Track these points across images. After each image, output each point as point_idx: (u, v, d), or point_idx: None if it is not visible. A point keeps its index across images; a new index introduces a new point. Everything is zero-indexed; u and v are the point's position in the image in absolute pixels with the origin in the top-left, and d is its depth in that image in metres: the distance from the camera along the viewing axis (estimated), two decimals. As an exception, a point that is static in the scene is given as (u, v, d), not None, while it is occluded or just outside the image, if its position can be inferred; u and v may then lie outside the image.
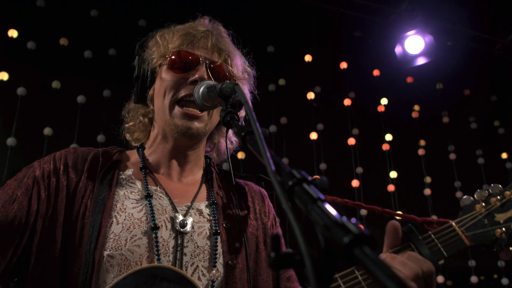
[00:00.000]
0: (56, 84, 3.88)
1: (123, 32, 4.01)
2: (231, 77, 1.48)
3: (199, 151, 1.53)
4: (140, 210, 1.31)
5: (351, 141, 4.86)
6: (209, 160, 1.61)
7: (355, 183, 4.76)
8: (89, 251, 1.18)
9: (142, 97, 1.51)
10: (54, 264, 1.19)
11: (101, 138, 3.86)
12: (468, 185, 5.06)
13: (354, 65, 5.14)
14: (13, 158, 3.61)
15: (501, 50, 5.64)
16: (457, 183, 5.07)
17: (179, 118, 1.39)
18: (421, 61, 4.86)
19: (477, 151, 5.30)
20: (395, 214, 1.35)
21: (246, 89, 1.57)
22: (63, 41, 4.04)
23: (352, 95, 5.07)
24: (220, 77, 1.44)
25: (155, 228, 1.27)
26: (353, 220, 0.57)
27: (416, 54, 4.88)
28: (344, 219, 0.58)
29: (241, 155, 4.09)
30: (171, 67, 1.42)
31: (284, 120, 4.68)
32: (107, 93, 4.02)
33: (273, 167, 0.73)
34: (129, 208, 1.30)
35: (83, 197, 1.29)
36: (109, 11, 4.29)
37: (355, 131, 4.92)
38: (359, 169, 4.79)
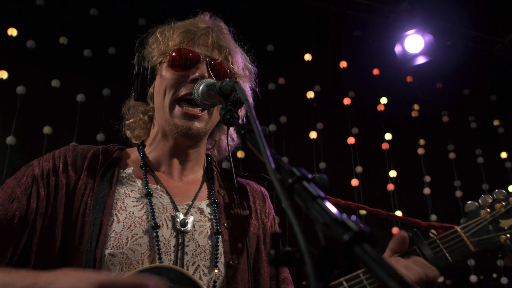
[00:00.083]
0: (55, 83, 3.88)
1: (122, 31, 3.99)
2: (232, 75, 1.47)
3: (200, 150, 1.52)
4: (141, 208, 1.30)
5: (351, 140, 4.86)
6: (210, 158, 1.60)
7: (354, 182, 4.76)
8: (90, 249, 1.18)
9: (142, 95, 1.49)
10: (54, 262, 1.19)
11: (100, 137, 3.85)
12: (467, 185, 5.06)
13: (354, 64, 5.14)
14: (13, 157, 3.60)
15: (501, 50, 5.63)
16: (457, 183, 5.07)
17: (179, 118, 1.38)
18: (421, 60, 4.85)
19: (477, 151, 5.29)
20: (399, 218, 1.35)
21: (247, 86, 1.56)
22: (63, 40, 4.03)
23: (352, 94, 5.07)
24: (221, 74, 1.42)
25: (155, 227, 1.26)
26: (353, 218, 0.57)
27: (416, 53, 4.87)
28: (344, 216, 0.58)
29: (241, 154, 4.08)
30: (172, 65, 1.41)
31: (283, 119, 4.67)
32: (107, 92, 4.02)
33: (273, 165, 0.73)
34: (129, 206, 1.29)
35: (83, 195, 1.28)
36: (108, 10, 4.28)
37: (355, 130, 4.91)
38: (358, 168, 4.79)
